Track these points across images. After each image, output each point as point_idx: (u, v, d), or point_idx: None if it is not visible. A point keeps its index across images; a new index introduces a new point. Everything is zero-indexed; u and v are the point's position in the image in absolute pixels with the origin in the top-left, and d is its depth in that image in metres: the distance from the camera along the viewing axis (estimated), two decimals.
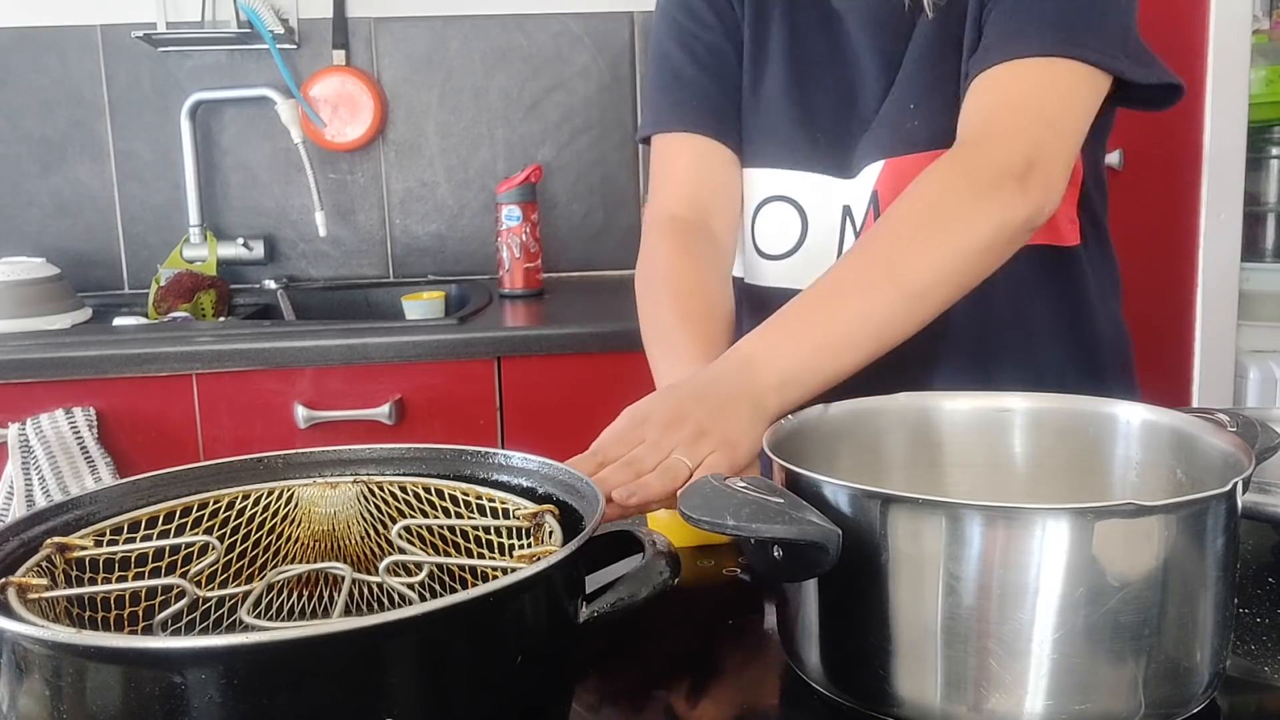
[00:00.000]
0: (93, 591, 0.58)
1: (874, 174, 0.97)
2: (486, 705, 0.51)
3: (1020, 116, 0.87)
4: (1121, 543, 0.55)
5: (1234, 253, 1.92)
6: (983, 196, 0.84)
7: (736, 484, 0.60)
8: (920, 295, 0.83)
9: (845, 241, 1.00)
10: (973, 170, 0.85)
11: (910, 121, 0.96)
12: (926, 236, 0.83)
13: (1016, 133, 0.87)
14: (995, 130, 0.87)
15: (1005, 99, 0.89)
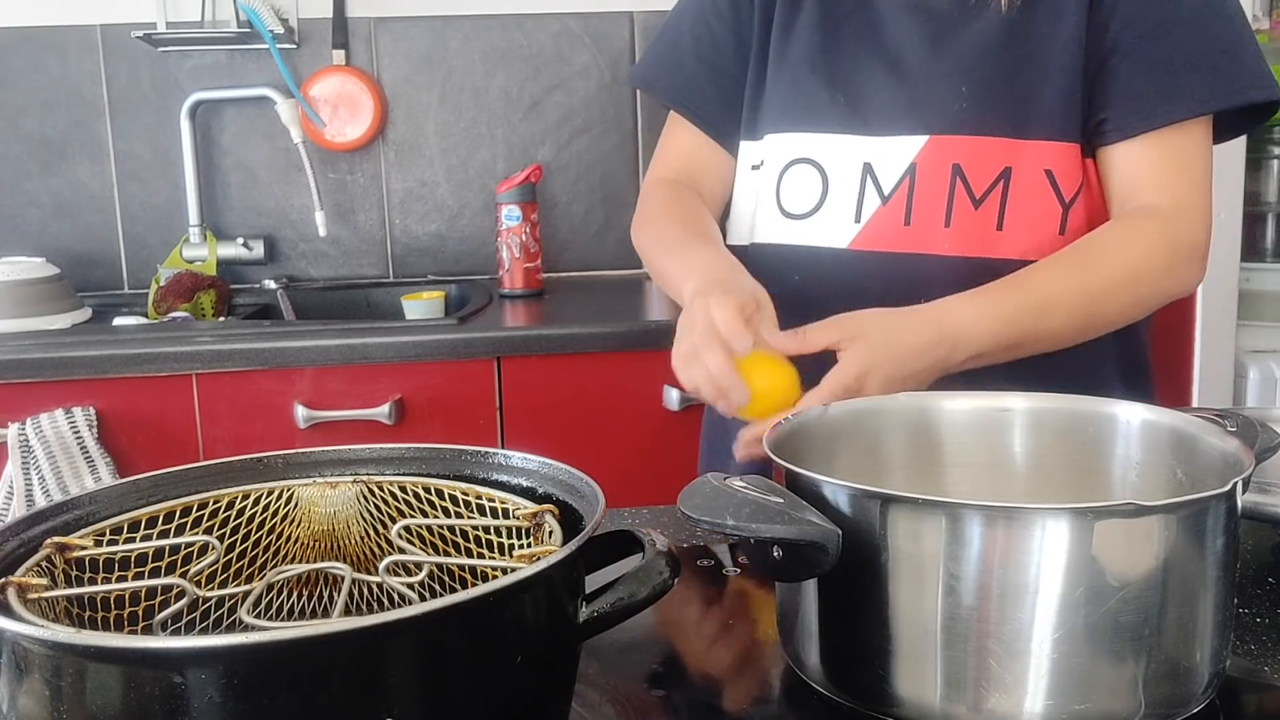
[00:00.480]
0: (93, 591, 0.58)
1: (914, 146, 1.01)
2: (486, 705, 0.51)
3: (1200, 194, 0.99)
4: (1121, 543, 0.55)
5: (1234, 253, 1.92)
6: (1175, 269, 0.98)
7: (736, 484, 0.60)
8: (1096, 330, 0.99)
9: (865, 200, 1.03)
10: (1174, 243, 0.98)
11: (959, 104, 1.00)
12: (1124, 292, 0.97)
13: (1202, 210, 0.99)
14: (1189, 203, 0.98)
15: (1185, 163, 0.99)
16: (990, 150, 1.00)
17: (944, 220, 1.01)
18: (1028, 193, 1.00)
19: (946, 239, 1.01)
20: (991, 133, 1.00)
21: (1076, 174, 1.00)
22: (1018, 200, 1.00)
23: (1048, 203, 1.00)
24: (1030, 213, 1.00)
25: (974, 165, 1.00)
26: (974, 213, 1.00)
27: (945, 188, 1.01)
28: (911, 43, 1.04)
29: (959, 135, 1.00)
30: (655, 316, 1.89)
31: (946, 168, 1.00)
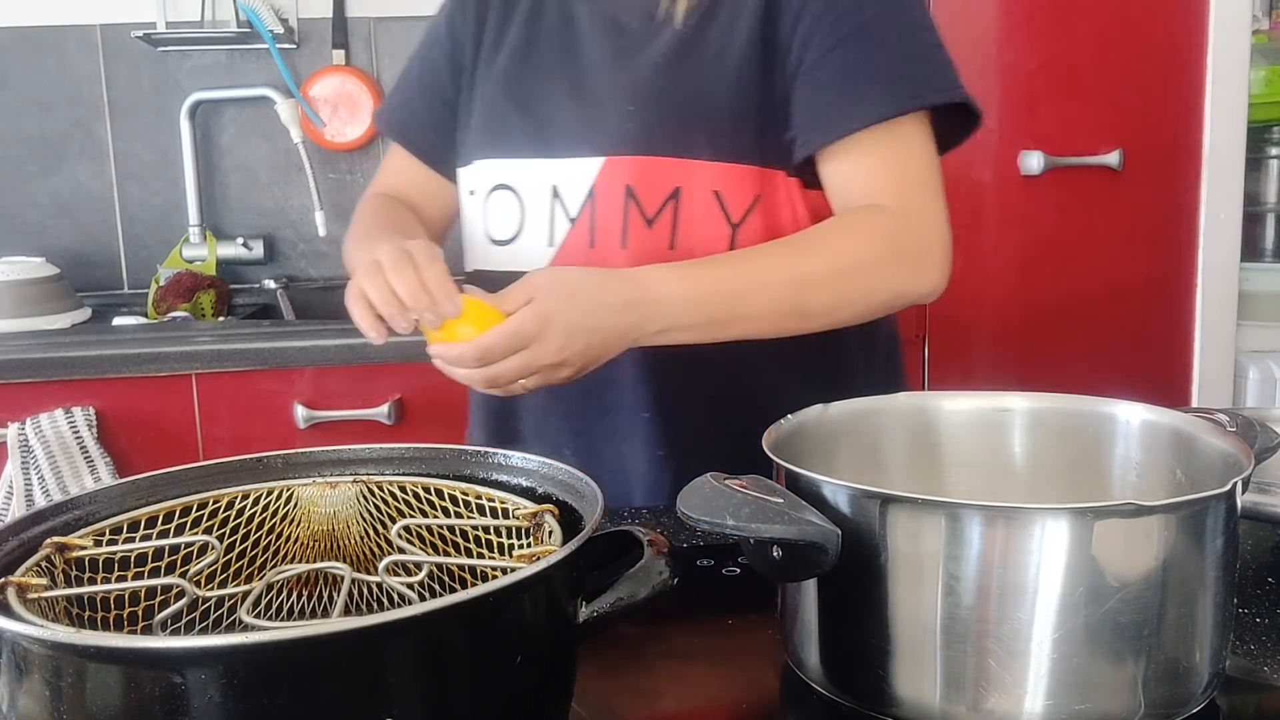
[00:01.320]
0: (92, 591, 0.58)
1: (593, 168, 1.01)
2: (486, 705, 0.51)
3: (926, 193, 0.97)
4: (1121, 543, 0.55)
5: (1234, 253, 1.92)
6: (900, 265, 0.95)
7: (736, 484, 0.60)
8: (809, 320, 0.95)
9: (555, 224, 1.03)
10: (897, 240, 0.95)
11: (628, 123, 0.99)
12: (839, 282, 0.94)
13: (931, 209, 0.97)
14: (916, 203, 0.96)
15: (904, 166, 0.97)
16: (659, 170, 0.99)
17: (620, 241, 1.00)
18: (697, 213, 0.99)
19: (624, 260, 0.99)
20: (659, 152, 0.99)
21: (747, 195, 0.99)
22: (688, 221, 0.99)
23: (716, 223, 0.99)
24: (700, 233, 0.99)
25: (644, 186, 0.99)
26: (647, 233, 0.99)
27: (620, 209, 1.00)
28: (596, 61, 1.03)
29: (630, 155, 0.99)
30: None
31: (620, 189, 1.00)
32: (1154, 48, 1.83)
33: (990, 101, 1.82)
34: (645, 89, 1.00)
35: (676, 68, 1.00)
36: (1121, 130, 1.83)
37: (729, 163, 0.98)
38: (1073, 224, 1.86)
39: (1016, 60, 1.80)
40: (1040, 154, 1.81)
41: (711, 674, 0.70)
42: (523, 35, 1.08)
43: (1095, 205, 1.85)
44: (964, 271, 1.85)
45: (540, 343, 0.86)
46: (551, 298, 0.86)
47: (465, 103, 1.11)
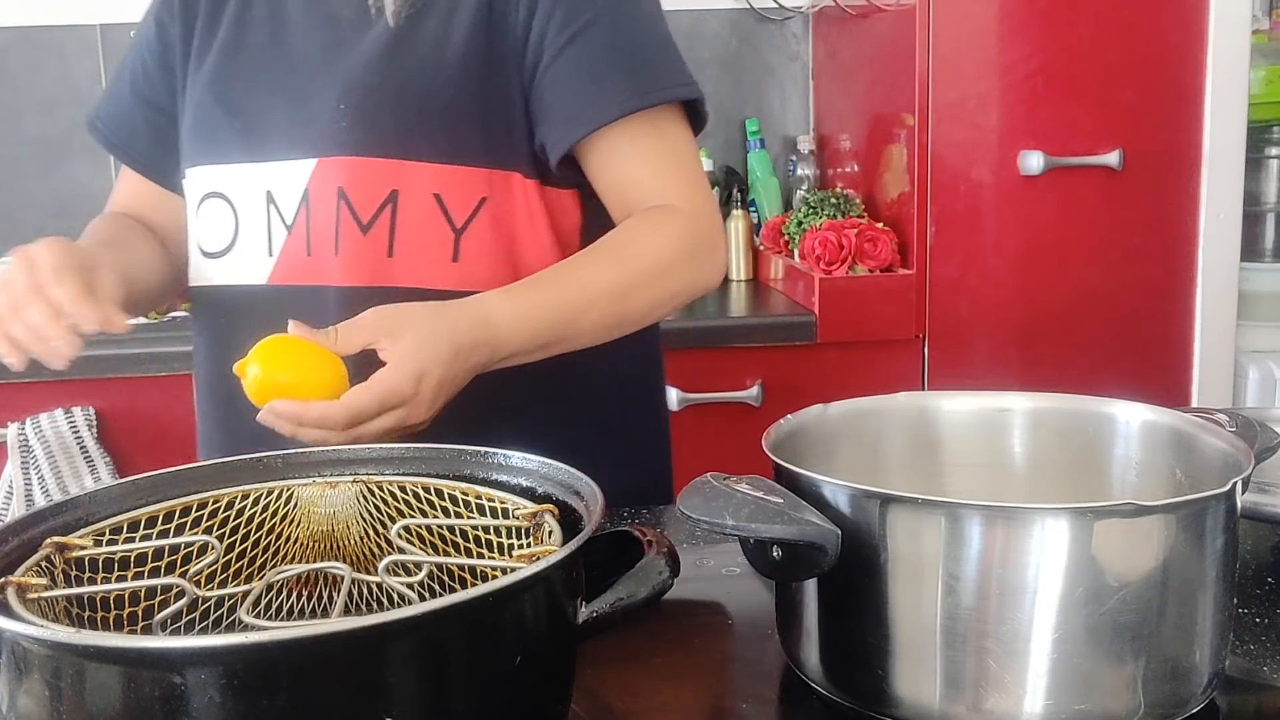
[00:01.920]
0: (92, 591, 0.58)
1: (306, 170, 0.96)
2: (486, 705, 0.51)
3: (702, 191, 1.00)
4: (1121, 543, 0.55)
5: (1234, 253, 1.92)
6: (699, 263, 0.97)
7: (736, 484, 0.60)
8: (628, 327, 0.96)
9: (273, 231, 0.97)
10: (696, 237, 0.97)
11: (339, 122, 0.95)
12: (654, 288, 0.95)
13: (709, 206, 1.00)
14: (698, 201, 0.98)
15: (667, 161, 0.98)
16: (374, 172, 0.94)
17: (334, 248, 0.95)
18: (416, 218, 0.95)
19: (336, 268, 0.95)
20: (374, 153, 0.94)
21: (472, 198, 0.96)
22: (407, 226, 0.95)
23: (438, 228, 0.95)
24: (421, 239, 0.95)
25: (358, 188, 0.94)
26: (362, 239, 0.95)
27: (333, 213, 0.95)
28: (308, 57, 0.98)
29: (343, 156, 0.95)
30: None
31: (333, 192, 0.95)
32: (1154, 48, 1.83)
33: (990, 101, 1.83)
34: (357, 86, 0.95)
35: (390, 63, 0.95)
36: (1121, 130, 1.83)
37: (451, 164, 0.95)
38: (1073, 224, 1.85)
39: (1016, 60, 1.80)
40: (1040, 154, 1.81)
41: (711, 674, 0.70)
42: (231, 32, 1.01)
43: (1095, 205, 1.85)
44: (964, 271, 1.86)
45: (414, 402, 0.81)
46: (416, 349, 0.81)
47: (180, 109, 1.04)
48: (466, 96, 0.95)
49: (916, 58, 1.81)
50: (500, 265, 0.97)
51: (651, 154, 0.97)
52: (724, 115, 2.43)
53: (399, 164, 0.94)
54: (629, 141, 0.96)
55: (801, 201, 2.05)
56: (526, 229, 0.98)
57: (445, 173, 0.95)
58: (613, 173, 0.97)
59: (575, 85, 0.95)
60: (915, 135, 1.83)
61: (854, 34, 2.17)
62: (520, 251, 0.98)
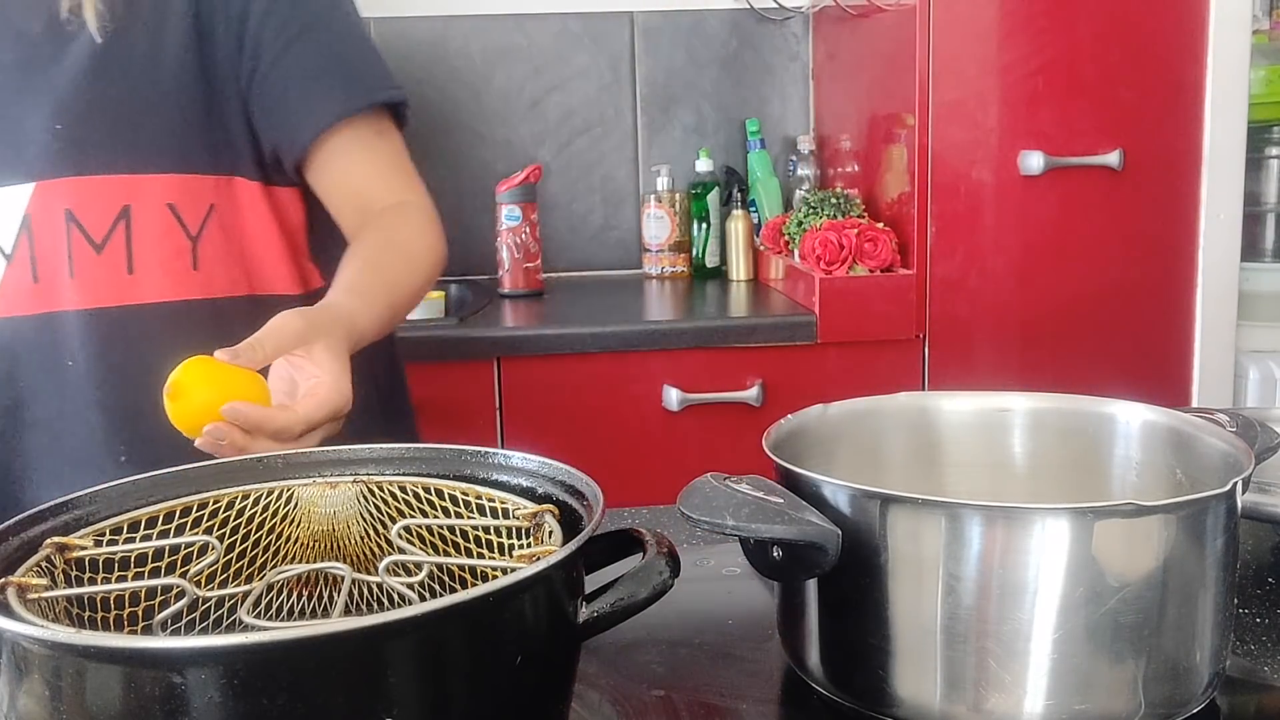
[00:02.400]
0: (93, 591, 0.58)
1: (24, 195, 0.94)
2: (486, 705, 0.51)
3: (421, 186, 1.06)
4: (1121, 543, 0.55)
5: (1234, 253, 1.92)
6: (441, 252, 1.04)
7: (736, 484, 0.60)
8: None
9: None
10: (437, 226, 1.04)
11: (57, 144, 0.94)
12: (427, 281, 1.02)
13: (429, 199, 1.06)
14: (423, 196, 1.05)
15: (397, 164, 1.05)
16: (102, 190, 0.94)
17: (68, 271, 0.94)
18: (153, 231, 0.95)
19: (74, 291, 0.94)
20: (99, 171, 0.94)
21: (202, 206, 0.97)
22: (145, 240, 0.95)
23: (175, 239, 0.96)
24: (160, 251, 0.96)
25: (87, 208, 0.94)
26: (97, 259, 0.94)
27: (62, 236, 0.94)
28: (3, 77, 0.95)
29: (65, 178, 0.93)
30: (655, 317, 1.89)
31: (59, 215, 0.94)
32: (1154, 48, 1.83)
33: (990, 101, 1.83)
34: (71, 105, 0.94)
35: (102, 79, 0.94)
36: (1121, 130, 1.83)
37: (179, 174, 0.96)
38: (1073, 224, 1.86)
39: (1016, 60, 1.80)
40: (1040, 154, 1.81)
41: (711, 674, 0.70)
42: None
43: (1095, 205, 1.85)
44: (964, 271, 1.86)
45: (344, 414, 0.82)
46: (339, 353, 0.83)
47: None
48: (185, 106, 0.96)
49: (916, 58, 1.81)
50: (235, 269, 1.00)
51: (377, 152, 1.03)
52: (724, 115, 2.44)
53: (128, 179, 0.94)
54: (354, 141, 1.01)
55: (801, 201, 2.05)
56: (255, 230, 1.01)
57: (175, 182, 0.96)
58: (342, 171, 1.01)
59: (299, 89, 0.98)
60: (915, 135, 1.83)
61: (854, 34, 2.17)
62: (252, 253, 1.01)
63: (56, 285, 0.95)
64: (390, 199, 1.02)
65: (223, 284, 0.99)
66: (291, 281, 1.05)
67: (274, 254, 1.02)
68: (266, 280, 1.03)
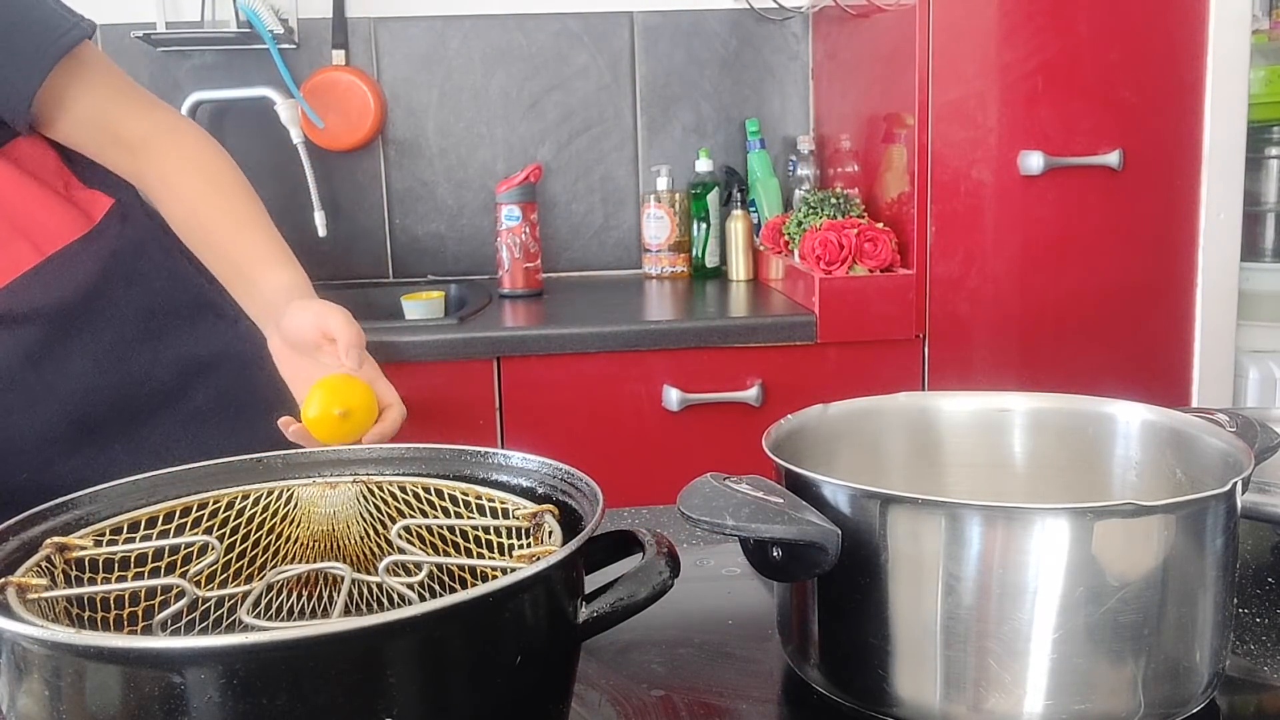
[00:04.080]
0: (92, 591, 0.58)
1: None
2: (486, 705, 0.51)
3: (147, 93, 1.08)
4: (1121, 543, 0.55)
5: (1234, 253, 1.92)
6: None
7: (736, 484, 0.60)
8: None
9: None
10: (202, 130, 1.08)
11: None
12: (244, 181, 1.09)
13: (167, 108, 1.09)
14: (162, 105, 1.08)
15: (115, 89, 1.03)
16: None
17: None
18: None
19: None
20: None
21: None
22: None
23: None
24: None
25: None
26: None
27: None
28: None
29: None
30: (655, 317, 1.89)
31: None
32: (1154, 48, 1.83)
33: (990, 101, 1.83)
34: None
35: None
36: (1121, 130, 1.83)
37: None
38: (1073, 224, 1.86)
39: (1016, 60, 1.80)
40: (1040, 154, 1.81)
41: (711, 674, 0.70)
42: None
43: (1095, 205, 1.85)
44: (964, 271, 1.86)
45: None
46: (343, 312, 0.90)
47: None
48: None
49: (916, 58, 1.81)
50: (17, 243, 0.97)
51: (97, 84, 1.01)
52: (724, 115, 2.44)
53: None
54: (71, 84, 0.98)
55: (801, 201, 2.05)
56: (15, 196, 0.97)
57: None
58: (76, 116, 0.99)
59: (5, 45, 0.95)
60: (915, 135, 1.83)
61: (854, 34, 2.17)
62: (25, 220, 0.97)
63: None
64: (141, 124, 1.02)
65: (7, 265, 0.96)
66: (75, 224, 1.01)
67: (46, 207, 0.99)
68: (51, 236, 0.99)
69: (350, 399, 0.83)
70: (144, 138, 1.01)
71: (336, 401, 0.82)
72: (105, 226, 1.03)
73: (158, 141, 1.02)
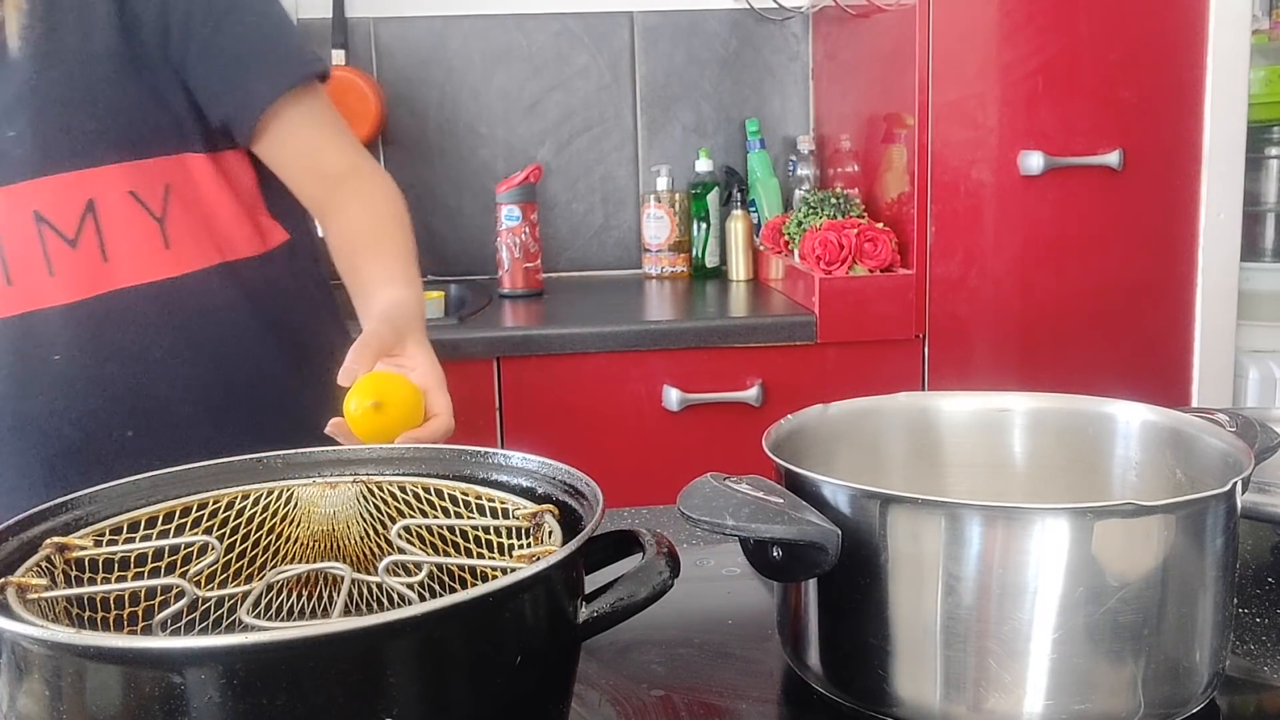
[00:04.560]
0: (92, 591, 0.58)
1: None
2: (486, 705, 0.51)
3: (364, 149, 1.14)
4: (1121, 543, 0.55)
5: (1234, 253, 1.92)
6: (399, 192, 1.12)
7: (736, 484, 0.60)
8: None
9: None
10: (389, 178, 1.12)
11: (15, 149, 0.96)
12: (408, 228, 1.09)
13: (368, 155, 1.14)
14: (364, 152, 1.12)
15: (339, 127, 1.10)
16: (64, 187, 0.97)
17: (47, 269, 0.98)
18: (120, 218, 0.99)
19: (56, 288, 0.98)
20: (60, 169, 0.97)
21: (158, 187, 1.01)
22: (114, 228, 0.99)
23: (143, 222, 1.00)
24: (130, 236, 1.00)
25: (54, 206, 0.97)
26: (73, 254, 0.98)
27: (35, 237, 0.97)
28: None
29: (26, 181, 0.97)
30: (655, 317, 1.89)
31: (27, 216, 0.97)
32: (1154, 48, 1.83)
33: (990, 101, 1.83)
34: (20, 110, 0.96)
35: (43, 80, 0.97)
36: (1121, 130, 1.83)
37: (133, 160, 0.99)
38: (1073, 224, 1.85)
39: (1016, 60, 1.80)
40: (1040, 154, 1.81)
41: (711, 674, 0.70)
42: None
43: (1095, 205, 1.85)
44: (964, 271, 1.86)
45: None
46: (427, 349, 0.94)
47: None
48: (124, 95, 0.99)
49: (916, 58, 1.81)
50: (204, 240, 1.04)
51: (321, 120, 1.08)
52: (724, 115, 2.44)
53: (85, 173, 0.97)
54: (297, 112, 1.05)
55: (801, 201, 2.05)
56: (213, 200, 1.04)
57: (130, 169, 0.99)
58: (292, 142, 1.06)
59: (237, 69, 1.02)
60: (915, 135, 1.83)
61: (854, 34, 2.17)
62: (215, 223, 1.04)
63: (33, 285, 0.98)
64: (343, 161, 1.08)
65: (194, 257, 1.03)
66: (254, 242, 1.08)
67: (234, 219, 1.06)
68: (232, 246, 1.06)
69: (386, 392, 0.83)
70: (340, 175, 1.07)
71: (371, 393, 0.83)
72: (274, 256, 1.09)
73: (350, 180, 1.07)
